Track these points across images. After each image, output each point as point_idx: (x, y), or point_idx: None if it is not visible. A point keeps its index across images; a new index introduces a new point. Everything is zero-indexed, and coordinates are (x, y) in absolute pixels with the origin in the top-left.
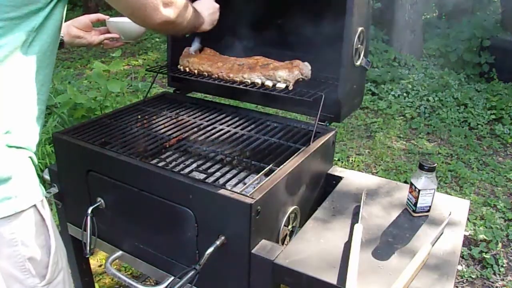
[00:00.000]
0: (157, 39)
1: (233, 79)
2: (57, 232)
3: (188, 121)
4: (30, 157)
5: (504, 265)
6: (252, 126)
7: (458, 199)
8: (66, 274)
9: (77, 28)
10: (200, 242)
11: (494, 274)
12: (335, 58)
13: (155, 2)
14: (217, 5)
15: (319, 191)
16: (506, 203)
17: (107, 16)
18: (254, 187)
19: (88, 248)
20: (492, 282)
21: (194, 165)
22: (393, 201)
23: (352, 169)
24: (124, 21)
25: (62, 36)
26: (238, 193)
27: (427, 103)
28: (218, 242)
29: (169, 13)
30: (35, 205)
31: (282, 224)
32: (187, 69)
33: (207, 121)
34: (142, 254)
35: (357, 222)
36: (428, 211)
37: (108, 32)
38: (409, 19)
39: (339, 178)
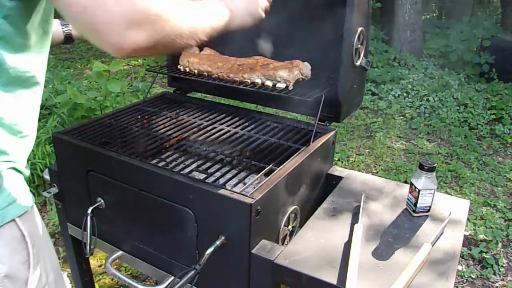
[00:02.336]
0: None
1: (233, 79)
2: (45, 246)
3: (188, 121)
4: (13, 168)
5: (504, 265)
6: (252, 126)
7: (458, 199)
8: None
9: None
10: (200, 242)
11: (494, 274)
12: (335, 58)
13: (112, 23)
14: None
15: (319, 191)
16: (506, 203)
17: None
18: (254, 187)
19: (88, 248)
20: (492, 282)
21: (194, 165)
22: (393, 201)
23: (352, 169)
24: None
25: (70, 30)
26: (238, 193)
27: (427, 103)
28: (218, 242)
29: (139, 37)
30: (14, 220)
31: (282, 224)
32: (187, 69)
33: (207, 121)
34: (142, 254)
35: (357, 222)
36: (428, 211)
37: None
38: (409, 19)
39: (339, 178)
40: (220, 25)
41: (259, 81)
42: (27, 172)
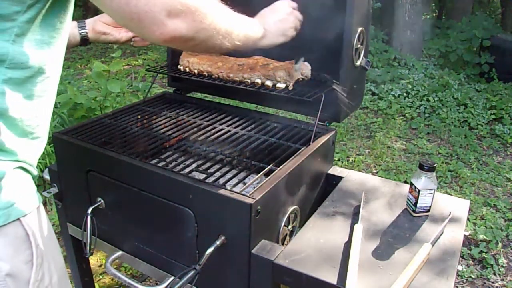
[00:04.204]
0: None
1: (233, 79)
2: (50, 247)
3: (188, 121)
4: (20, 167)
5: (504, 265)
6: (252, 126)
7: (458, 199)
8: None
9: (104, 23)
10: (200, 242)
11: (494, 274)
12: (335, 58)
13: (154, 12)
14: (290, 7)
15: (319, 191)
16: (506, 203)
17: None
18: (254, 187)
19: (88, 248)
20: (492, 282)
21: (194, 165)
22: (393, 201)
23: (352, 169)
24: None
25: (86, 32)
26: (238, 193)
27: (427, 103)
28: (218, 242)
29: (178, 26)
30: (19, 219)
31: (282, 224)
32: (187, 69)
33: (207, 121)
34: (142, 254)
35: (357, 222)
36: (428, 211)
37: None
38: (409, 19)
39: (339, 178)
40: (252, 38)
41: (259, 81)
42: (36, 172)
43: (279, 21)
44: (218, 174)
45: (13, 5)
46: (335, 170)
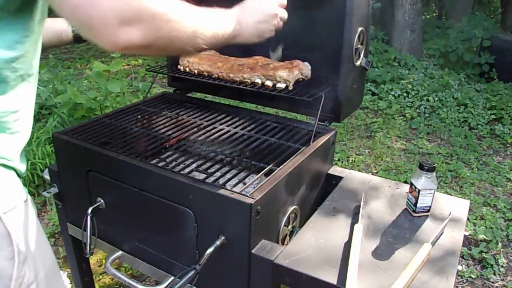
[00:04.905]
0: None
1: (233, 79)
2: (36, 244)
3: (188, 121)
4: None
5: (504, 265)
6: (252, 126)
7: (458, 199)
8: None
9: None
10: (200, 242)
11: (494, 274)
12: (335, 58)
13: (105, 20)
14: (277, 5)
15: (319, 191)
16: (506, 203)
17: None
18: (254, 187)
19: (88, 248)
20: (492, 282)
21: (194, 165)
22: (393, 201)
23: (352, 169)
24: None
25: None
26: (238, 193)
27: (427, 103)
28: (218, 242)
29: (132, 35)
30: None
31: (282, 224)
32: (187, 69)
33: (207, 121)
34: (142, 254)
35: (357, 222)
36: (428, 211)
37: None
38: (409, 19)
39: (339, 178)
40: (223, 37)
41: (259, 81)
42: (22, 167)
43: (260, 22)
44: (218, 174)
45: None
46: (335, 170)
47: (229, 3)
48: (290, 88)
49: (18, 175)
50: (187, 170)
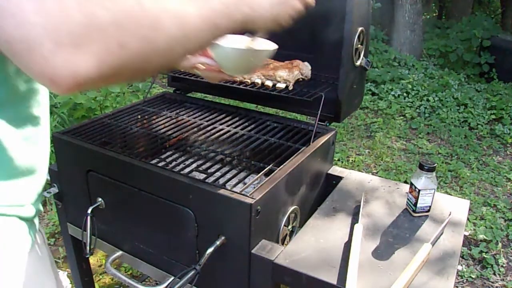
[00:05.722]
0: None
1: (233, 79)
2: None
3: (188, 121)
4: None
5: (504, 265)
6: (252, 126)
7: (458, 199)
8: None
9: None
10: (200, 242)
11: (494, 274)
12: (335, 58)
13: (30, 40)
14: None
15: (319, 191)
16: (506, 203)
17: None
18: (254, 187)
19: (88, 248)
20: (492, 282)
21: (194, 165)
22: (393, 201)
23: (352, 169)
24: (238, 48)
25: None
26: (238, 193)
27: (427, 103)
28: (218, 242)
29: (82, 63)
30: None
31: (282, 224)
32: None
33: (207, 121)
34: (142, 254)
35: (357, 222)
36: (428, 211)
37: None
38: (409, 19)
39: (339, 178)
40: (228, 28)
41: (259, 81)
42: (30, 210)
43: (278, 3)
44: (218, 174)
45: None
46: (335, 170)
47: None
48: (290, 88)
49: (25, 220)
50: (187, 170)
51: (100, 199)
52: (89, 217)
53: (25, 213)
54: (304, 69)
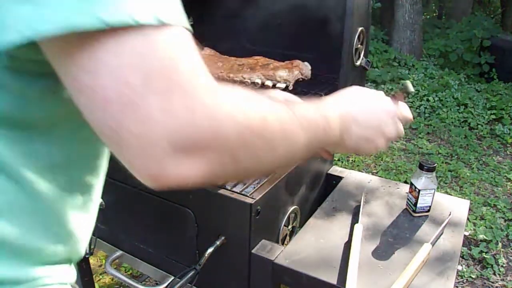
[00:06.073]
0: None
1: (233, 79)
2: None
3: None
4: None
5: (504, 265)
6: None
7: (458, 199)
8: None
9: None
10: (200, 242)
11: (494, 274)
12: (335, 58)
13: (150, 139)
14: (395, 127)
15: (319, 191)
16: (506, 203)
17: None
18: (254, 187)
19: (88, 248)
20: (492, 282)
21: None
22: (393, 201)
23: (352, 169)
24: None
25: None
26: (238, 193)
27: (427, 103)
28: (218, 242)
29: (192, 168)
30: None
31: (282, 224)
32: None
33: None
34: (142, 254)
35: (357, 222)
36: (428, 211)
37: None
38: (409, 19)
39: (339, 178)
40: (318, 147)
41: (259, 81)
42: (71, 276)
43: (366, 139)
44: None
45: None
46: (335, 170)
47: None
48: (290, 88)
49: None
50: None
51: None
52: None
53: (68, 279)
54: (304, 69)
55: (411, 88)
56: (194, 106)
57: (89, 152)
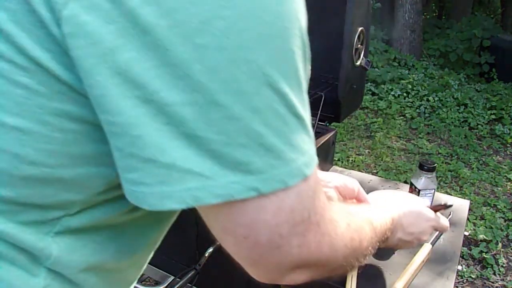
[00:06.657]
0: None
1: None
2: None
3: None
4: None
5: (504, 265)
6: None
7: (458, 199)
8: None
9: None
10: (200, 242)
11: (494, 274)
12: (335, 58)
13: (280, 265)
14: (431, 229)
15: None
16: (506, 203)
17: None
18: None
19: None
20: (492, 282)
21: None
22: None
23: (352, 169)
24: None
25: None
26: None
27: (427, 103)
28: (218, 242)
29: (297, 277)
30: None
31: None
32: None
33: None
34: None
35: None
36: None
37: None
38: (409, 19)
39: None
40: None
41: None
42: None
43: (404, 241)
44: None
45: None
46: (335, 170)
47: None
48: None
49: None
50: None
51: None
52: None
53: None
54: None
55: (450, 203)
56: (323, 239)
57: (158, 235)
